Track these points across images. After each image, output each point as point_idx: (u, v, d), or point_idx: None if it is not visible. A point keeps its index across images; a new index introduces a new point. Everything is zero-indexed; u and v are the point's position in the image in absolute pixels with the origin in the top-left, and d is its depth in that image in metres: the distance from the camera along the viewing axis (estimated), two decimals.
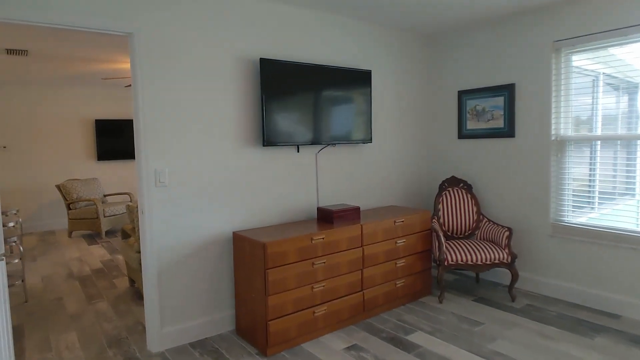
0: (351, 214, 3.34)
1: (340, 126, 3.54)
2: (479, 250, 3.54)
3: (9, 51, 4.61)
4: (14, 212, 5.52)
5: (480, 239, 3.95)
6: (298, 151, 3.45)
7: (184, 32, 2.87)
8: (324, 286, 2.99)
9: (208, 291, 3.06)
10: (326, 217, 3.30)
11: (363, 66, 3.85)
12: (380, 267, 3.33)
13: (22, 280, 3.95)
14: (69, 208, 6.73)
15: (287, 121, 3.23)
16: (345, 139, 3.59)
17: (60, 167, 7.55)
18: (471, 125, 4.15)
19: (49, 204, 7.50)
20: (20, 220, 5.89)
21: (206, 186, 3.00)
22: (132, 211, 3.90)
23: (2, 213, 5.38)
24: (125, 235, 4.21)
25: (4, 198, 7.13)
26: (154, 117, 2.79)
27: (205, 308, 3.06)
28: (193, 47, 2.91)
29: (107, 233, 6.96)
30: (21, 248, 3.97)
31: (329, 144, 3.50)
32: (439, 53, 4.40)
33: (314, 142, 3.39)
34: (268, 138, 3.15)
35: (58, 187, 6.73)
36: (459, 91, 4.24)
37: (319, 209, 3.39)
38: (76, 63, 5.38)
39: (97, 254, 5.68)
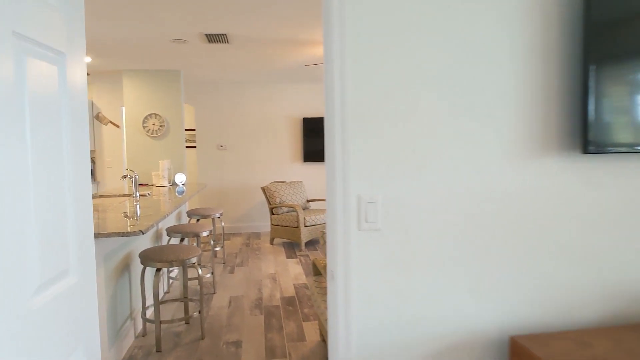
0: None
1: None
2: None
3: (210, 38, 4.04)
4: (218, 215, 5.14)
5: None
6: None
7: None
8: None
9: None
10: None
11: None
12: None
13: (199, 312, 3.20)
14: (271, 213, 6.22)
15: None
16: None
17: (268, 168, 7.23)
18: None
19: (258, 205, 7.26)
20: (223, 224, 5.59)
21: (453, 232, 1.46)
22: (324, 244, 2.67)
23: (207, 216, 5.04)
24: (317, 271, 3.04)
25: (219, 197, 7.16)
26: (360, 110, 1.38)
27: None
28: None
29: (307, 244, 6.20)
30: (198, 270, 3.22)
31: None
32: None
33: None
34: (597, 135, 1.40)
35: (263, 189, 6.29)
36: None
37: None
38: (277, 47, 4.58)
39: (293, 272, 4.84)
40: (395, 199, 1.43)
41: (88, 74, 5.89)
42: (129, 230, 2.47)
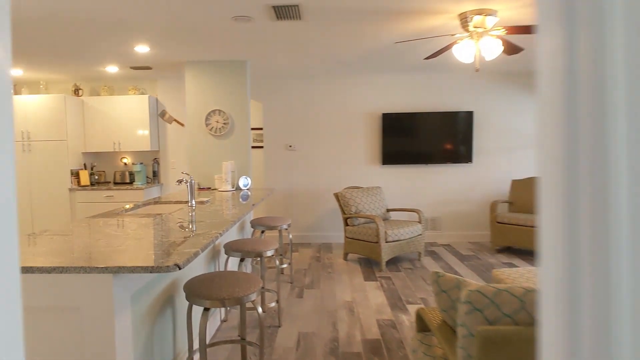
0: None
1: None
2: None
3: (278, 12, 3.27)
4: (285, 226, 4.39)
5: None
6: None
7: None
8: None
9: None
10: None
11: None
12: None
13: None
14: (346, 223, 5.37)
15: None
16: None
17: (342, 171, 6.39)
18: None
19: (330, 212, 6.45)
20: (291, 236, 4.84)
21: None
22: (441, 293, 1.75)
23: (273, 228, 4.31)
24: (423, 326, 2.11)
25: (287, 203, 6.45)
26: None
27: None
28: None
29: (388, 263, 5.26)
30: (258, 309, 2.42)
31: None
32: None
33: None
34: None
35: (336, 196, 5.46)
36: None
37: None
38: (360, 20, 3.71)
39: (374, 301, 3.94)
40: None
41: (150, 68, 5.43)
42: (159, 265, 1.73)
